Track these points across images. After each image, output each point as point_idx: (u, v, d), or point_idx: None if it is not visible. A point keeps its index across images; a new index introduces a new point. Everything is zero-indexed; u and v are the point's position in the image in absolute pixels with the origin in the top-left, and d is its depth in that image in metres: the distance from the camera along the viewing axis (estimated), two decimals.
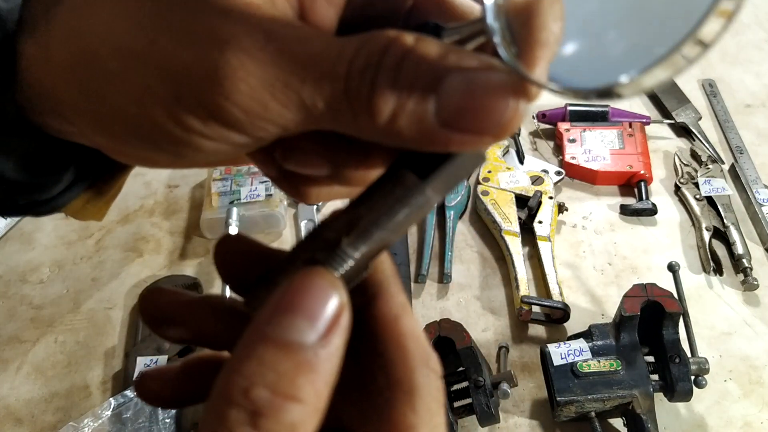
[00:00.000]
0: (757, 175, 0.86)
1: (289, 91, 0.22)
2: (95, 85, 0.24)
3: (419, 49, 0.21)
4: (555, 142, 0.94)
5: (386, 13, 0.26)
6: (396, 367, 0.23)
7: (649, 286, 0.64)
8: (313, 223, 0.85)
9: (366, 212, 0.22)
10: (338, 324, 0.20)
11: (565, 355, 0.64)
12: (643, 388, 0.61)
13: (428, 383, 0.23)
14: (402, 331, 0.23)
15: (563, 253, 0.81)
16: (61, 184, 0.30)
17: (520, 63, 0.22)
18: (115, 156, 0.28)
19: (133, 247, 0.85)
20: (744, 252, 0.77)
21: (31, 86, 0.26)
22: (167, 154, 0.25)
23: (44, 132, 0.27)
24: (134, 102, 0.24)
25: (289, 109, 0.22)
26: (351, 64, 0.21)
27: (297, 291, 0.20)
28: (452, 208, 0.83)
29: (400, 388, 0.23)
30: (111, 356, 0.74)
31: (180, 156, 0.25)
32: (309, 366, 0.19)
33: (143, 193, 0.92)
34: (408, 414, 0.22)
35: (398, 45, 0.21)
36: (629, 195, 0.87)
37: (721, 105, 0.98)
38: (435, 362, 0.23)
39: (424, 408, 0.22)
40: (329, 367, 0.19)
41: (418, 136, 0.22)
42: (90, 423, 0.64)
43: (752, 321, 0.74)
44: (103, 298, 0.80)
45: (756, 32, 1.12)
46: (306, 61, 0.22)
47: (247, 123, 0.23)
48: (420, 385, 0.23)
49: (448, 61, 0.21)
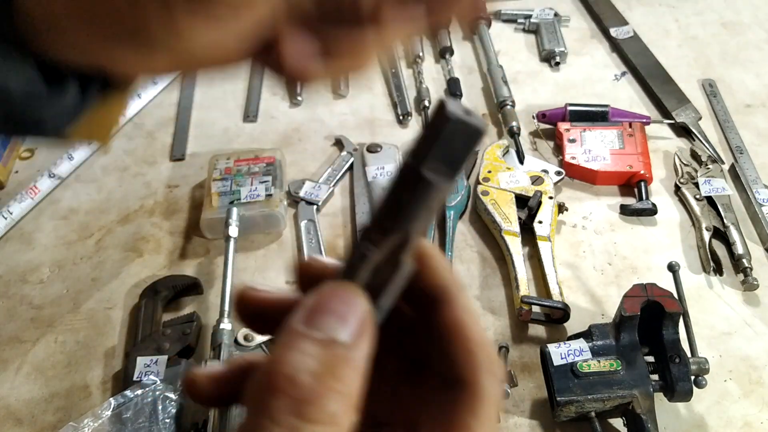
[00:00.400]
0: (757, 175, 0.87)
1: None
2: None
3: None
4: (555, 142, 0.94)
5: None
6: (463, 370, 0.24)
7: (649, 286, 0.64)
8: (314, 223, 0.85)
9: (376, 212, 0.23)
10: (366, 324, 0.22)
11: (565, 355, 0.64)
12: (643, 388, 0.61)
13: (492, 390, 0.24)
14: (470, 336, 0.24)
15: (563, 253, 0.81)
16: (67, 98, 0.30)
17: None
18: (113, 65, 0.28)
19: (133, 247, 0.85)
20: (744, 252, 0.77)
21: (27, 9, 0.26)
22: (161, 51, 0.26)
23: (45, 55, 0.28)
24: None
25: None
26: None
27: (328, 293, 0.22)
28: (452, 208, 0.83)
29: (464, 391, 0.23)
30: (111, 356, 0.74)
31: (174, 52, 0.25)
32: (346, 360, 0.21)
33: (143, 193, 0.92)
34: (468, 417, 0.23)
35: None
36: (629, 195, 0.87)
37: (721, 105, 0.98)
38: (500, 370, 0.24)
39: (485, 413, 0.23)
40: (363, 364, 0.21)
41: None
42: (90, 423, 0.64)
43: (752, 321, 0.74)
44: (103, 298, 0.80)
45: (756, 32, 1.12)
46: None
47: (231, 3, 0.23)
48: (485, 390, 0.23)
49: None
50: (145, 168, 0.96)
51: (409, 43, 1.09)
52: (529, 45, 1.13)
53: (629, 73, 1.06)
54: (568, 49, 1.08)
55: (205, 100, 1.07)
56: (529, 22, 1.14)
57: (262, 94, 1.06)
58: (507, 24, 1.16)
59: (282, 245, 0.85)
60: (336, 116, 1.02)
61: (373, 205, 0.22)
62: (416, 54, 1.08)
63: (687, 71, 1.05)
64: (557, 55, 1.07)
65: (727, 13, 1.16)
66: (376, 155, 0.90)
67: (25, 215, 0.90)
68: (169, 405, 0.66)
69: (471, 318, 0.24)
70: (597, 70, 1.07)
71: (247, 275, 0.81)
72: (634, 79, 1.05)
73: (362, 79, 1.02)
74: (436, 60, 1.10)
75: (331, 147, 0.97)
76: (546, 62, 1.08)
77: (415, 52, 1.08)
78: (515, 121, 0.93)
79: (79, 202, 0.92)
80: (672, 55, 1.08)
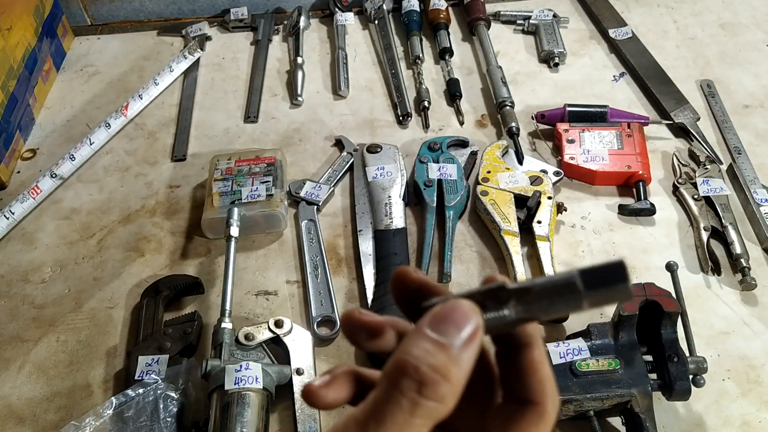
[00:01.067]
0: (755, 175, 0.87)
1: None
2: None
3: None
4: (554, 142, 0.94)
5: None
6: (536, 393, 0.32)
7: (648, 285, 0.65)
8: (314, 223, 0.86)
9: (536, 293, 0.29)
10: (475, 338, 0.29)
11: (564, 354, 0.64)
12: (641, 387, 0.62)
13: (554, 411, 0.32)
14: (545, 372, 0.33)
15: (562, 253, 0.82)
16: None
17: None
18: None
19: (134, 247, 0.86)
20: (742, 252, 0.78)
21: None
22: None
23: None
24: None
25: None
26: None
27: (452, 307, 0.29)
28: (452, 208, 0.84)
29: (534, 409, 0.32)
30: (112, 355, 0.75)
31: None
32: (456, 360, 0.28)
33: (145, 194, 0.93)
34: (533, 428, 0.32)
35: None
36: (628, 195, 0.88)
37: (719, 105, 0.99)
38: (558, 401, 0.33)
39: (546, 428, 0.32)
40: (467, 366, 0.28)
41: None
42: (92, 422, 0.65)
43: (750, 320, 0.74)
44: (105, 298, 0.80)
45: (754, 33, 1.12)
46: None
47: None
48: (549, 409, 0.32)
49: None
50: (147, 168, 0.96)
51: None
52: (528, 46, 1.13)
53: (628, 74, 1.06)
54: (567, 50, 1.08)
55: (206, 100, 1.07)
56: (528, 23, 1.14)
57: (262, 94, 1.07)
58: (506, 25, 1.17)
59: (282, 245, 0.85)
60: (336, 117, 1.02)
61: (532, 281, 0.29)
62: (416, 55, 1.08)
63: (685, 72, 1.05)
64: (556, 55, 1.07)
65: (725, 14, 1.17)
66: (376, 155, 0.91)
67: (27, 215, 0.90)
68: (171, 404, 0.66)
69: (545, 359, 0.34)
70: (596, 71, 1.07)
71: (247, 275, 0.81)
72: (632, 79, 1.05)
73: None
74: (435, 61, 1.11)
75: (331, 147, 0.98)
76: (545, 63, 1.09)
77: (415, 53, 1.08)
78: (514, 122, 0.94)
79: (80, 202, 0.92)
80: (670, 55, 1.08)
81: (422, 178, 0.87)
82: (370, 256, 0.81)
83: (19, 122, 1.00)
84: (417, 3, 1.16)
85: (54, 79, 1.13)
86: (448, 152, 0.90)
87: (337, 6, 1.20)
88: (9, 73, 0.98)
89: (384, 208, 0.84)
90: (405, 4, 1.16)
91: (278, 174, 0.87)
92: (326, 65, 1.12)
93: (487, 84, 1.04)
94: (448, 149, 0.91)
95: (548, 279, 0.29)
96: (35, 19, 1.08)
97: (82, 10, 1.22)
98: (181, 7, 1.24)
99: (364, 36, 1.17)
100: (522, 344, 0.33)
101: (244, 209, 0.82)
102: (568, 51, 1.08)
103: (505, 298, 0.30)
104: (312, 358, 0.72)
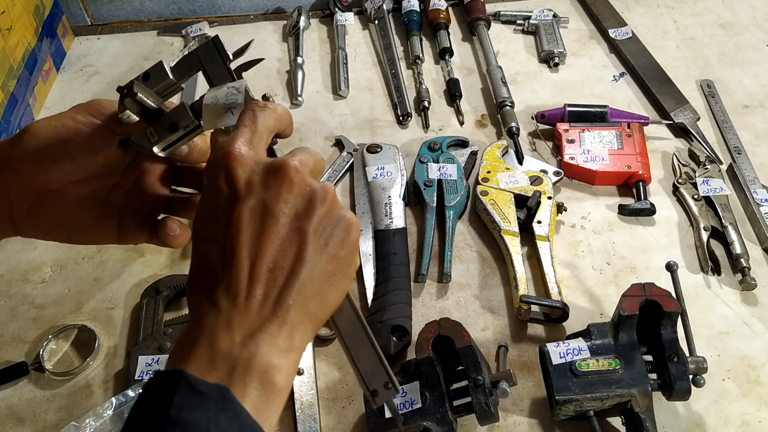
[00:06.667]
0: (755, 175, 0.87)
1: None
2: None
3: None
4: (554, 142, 0.95)
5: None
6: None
7: (648, 285, 0.65)
8: None
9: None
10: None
11: (564, 354, 0.64)
12: (641, 387, 0.62)
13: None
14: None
15: (562, 253, 0.82)
16: None
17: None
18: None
19: (134, 247, 0.86)
20: (742, 252, 0.78)
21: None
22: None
23: None
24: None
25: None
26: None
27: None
28: (452, 208, 0.84)
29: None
30: (112, 355, 0.75)
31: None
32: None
33: None
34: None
35: None
36: (628, 195, 0.88)
37: (719, 105, 0.99)
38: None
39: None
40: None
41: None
42: (92, 422, 0.65)
43: (750, 320, 0.74)
44: (105, 298, 0.80)
45: (754, 33, 1.12)
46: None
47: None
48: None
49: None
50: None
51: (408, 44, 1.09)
52: (528, 46, 1.13)
53: (628, 74, 1.06)
54: (567, 50, 1.08)
55: None
56: (528, 23, 1.14)
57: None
58: (506, 25, 1.17)
59: None
60: (336, 116, 1.02)
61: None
62: (416, 55, 1.08)
63: (685, 72, 1.05)
64: (556, 55, 1.07)
65: (725, 14, 1.17)
66: (376, 155, 0.91)
67: None
68: None
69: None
70: (596, 71, 1.07)
71: None
72: (632, 79, 1.05)
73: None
74: (435, 61, 1.11)
75: (331, 147, 0.98)
76: (545, 63, 1.09)
77: (415, 53, 1.08)
78: (514, 122, 0.94)
79: None
80: (670, 55, 1.08)
81: (422, 178, 0.87)
82: (370, 256, 0.81)
83: (19, 122, 1.00)
84: (417, 3, 1.16)
85: (54, 79, 1.13)
86: (448, 152, 0.90)
87: (337, 6, 1.20)
88: (9, 73, 0.98)
89: (384, 208, 0.84)
90: (405, 4, 1.16)
91: None
92: (326, 65, 1.12)
93: (487, 84, 1.04)
94: (448, 149, 0.91)
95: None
96: (35, 19, 1.08)
97: (82, 10, 1.22)
98: (181, 7, 1.24)
99: (364, 36, 1.17)
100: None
101: None
102: (568, 51, 1.08)
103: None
104: (312, 358, 0.72)
